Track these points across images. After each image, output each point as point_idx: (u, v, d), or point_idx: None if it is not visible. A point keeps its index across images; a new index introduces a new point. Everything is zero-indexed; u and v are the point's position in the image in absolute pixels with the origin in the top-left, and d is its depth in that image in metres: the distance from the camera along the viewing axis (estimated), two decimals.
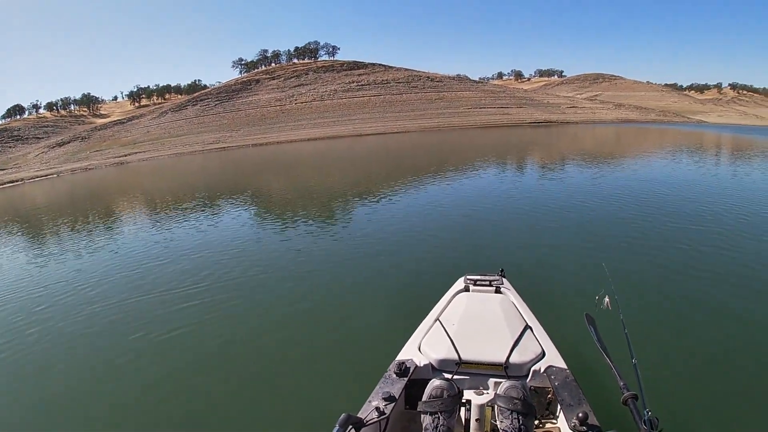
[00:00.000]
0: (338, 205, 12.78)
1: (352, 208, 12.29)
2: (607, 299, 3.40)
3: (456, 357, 3.02)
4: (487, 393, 2.87)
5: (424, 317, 3.71)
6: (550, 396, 3.03)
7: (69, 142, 52.72)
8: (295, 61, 73.80)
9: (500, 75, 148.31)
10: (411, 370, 2.98)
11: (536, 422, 2.97)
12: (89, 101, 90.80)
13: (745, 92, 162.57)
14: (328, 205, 12.76)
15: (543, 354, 3.19)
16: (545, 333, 3.52)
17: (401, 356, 3.17)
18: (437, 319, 3.53)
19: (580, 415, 2.44)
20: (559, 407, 2.83)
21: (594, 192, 14.58)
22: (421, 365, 3.06)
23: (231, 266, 7.80)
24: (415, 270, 7.38)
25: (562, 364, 3.12)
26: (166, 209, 13.95)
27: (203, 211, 13.09)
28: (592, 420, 2.51)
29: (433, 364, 3.09)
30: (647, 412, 2.13)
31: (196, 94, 64.30)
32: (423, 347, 3.24)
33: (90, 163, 36.46)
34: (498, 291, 4.19)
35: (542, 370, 3.06)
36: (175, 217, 12.40)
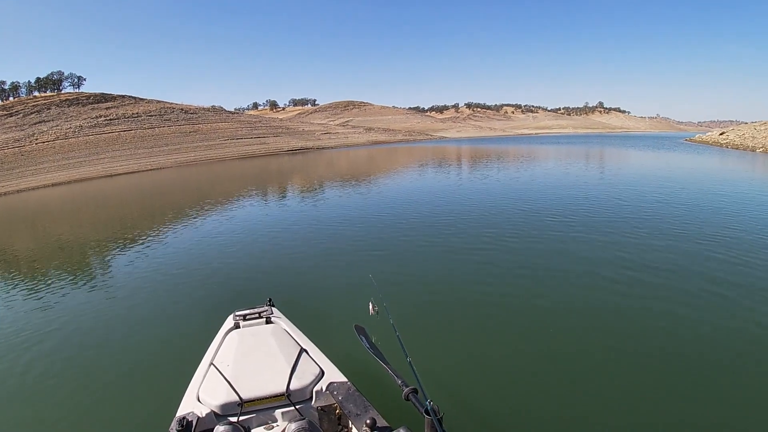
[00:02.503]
0: (94, 256, 11.57)
1: (110, 256, 11.31)
2: (371, 305, 3.55)
3: (237, 398, 3.00)
4: (277, 425, 3.04)
5: (199, 363, 3.63)
6: (338, 411, 3.14)
7: None
8: (36, 94, 65.13)
9: (255, 105, 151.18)
10: (194, 424, 2.92)
11: None
12: None
13: (479, 109, 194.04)
14: (83, 257, 11.60)
15: (322, 373, 3.35)
16: (321, 353, 3.69)
17: (181, 411, 3.06)
18: (211, 363, 3.49)
19: (368, 421, 2.64)
20: (349, 420, 2.96)
21: (356, 208, 15.56)
22: (204, 415, 2.99)
23: None
24: (184, 314, 7.13)
25: (342, 379, 3.30)
26: None
27: None
28: (381, 422, 2.77)
29: (215, 411, 3.04)
30: (429, 403, 2.34)
31: None
32: (202, 396, 3.16)
33: None
34: (269, 321, 4.25)
35: (324, 389, 3.20)
36: None
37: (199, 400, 3.12)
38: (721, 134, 57.16)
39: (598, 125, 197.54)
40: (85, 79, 73.27)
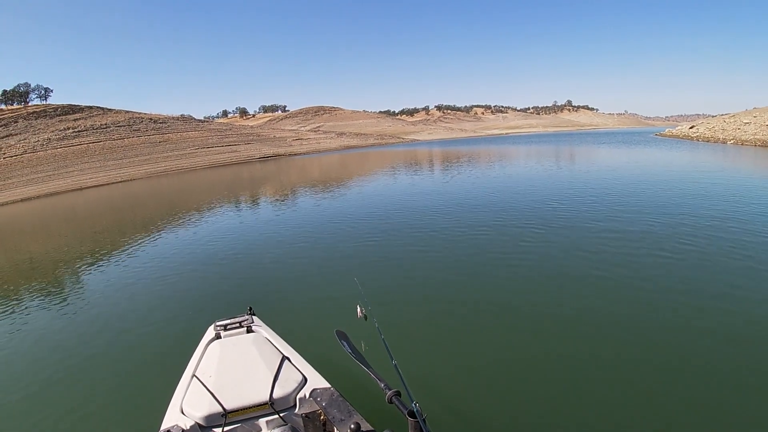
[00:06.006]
0: (68, 273, 11.20)
1: (84, 271, 10.93)
2: (359, 309, 3.65)
3: (220, 409, 3.05)
4: None
5: (181, 375, 3.64)
6: (322, 418, 3.11)
7: None
8: (2, 107, 63.33)
9: (225, 113, 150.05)
10: None
11: None
12: None
13: (449, 111, 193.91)
14: (57, 274, 11.26)
15: (305, 380, 3.39)
16: (303, 359, 3.73)
17: (165, 424, 3.06)
18: (194, 374, 3.52)
19: (353, 426, 2.61)
20: (333, 425, 2.96)
21: (334, 213, 15.55)
22: (188, 428, 3.01)
23: None
24: (163, 326, 7.01)
25: (325, 385, 3.34)
26: None
27: None
28: (366, 427, 2.79)
29: (199, 422, 3.06)
30: (415, 405, 2.35)
31: None
32: (185, 408, 3.18)
33: None
34: (250, 330, 4.27)
35: (308, 396, 3.22)
36: None
37: (182, 413, 3.14)
38: (691, 128, 58.22)
39: (567, 123, 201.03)
40: (52, 91, 72.03)
